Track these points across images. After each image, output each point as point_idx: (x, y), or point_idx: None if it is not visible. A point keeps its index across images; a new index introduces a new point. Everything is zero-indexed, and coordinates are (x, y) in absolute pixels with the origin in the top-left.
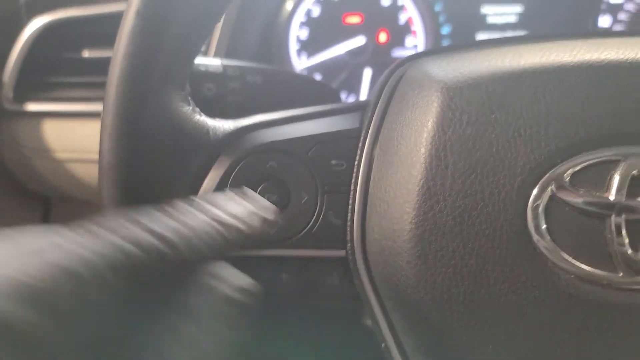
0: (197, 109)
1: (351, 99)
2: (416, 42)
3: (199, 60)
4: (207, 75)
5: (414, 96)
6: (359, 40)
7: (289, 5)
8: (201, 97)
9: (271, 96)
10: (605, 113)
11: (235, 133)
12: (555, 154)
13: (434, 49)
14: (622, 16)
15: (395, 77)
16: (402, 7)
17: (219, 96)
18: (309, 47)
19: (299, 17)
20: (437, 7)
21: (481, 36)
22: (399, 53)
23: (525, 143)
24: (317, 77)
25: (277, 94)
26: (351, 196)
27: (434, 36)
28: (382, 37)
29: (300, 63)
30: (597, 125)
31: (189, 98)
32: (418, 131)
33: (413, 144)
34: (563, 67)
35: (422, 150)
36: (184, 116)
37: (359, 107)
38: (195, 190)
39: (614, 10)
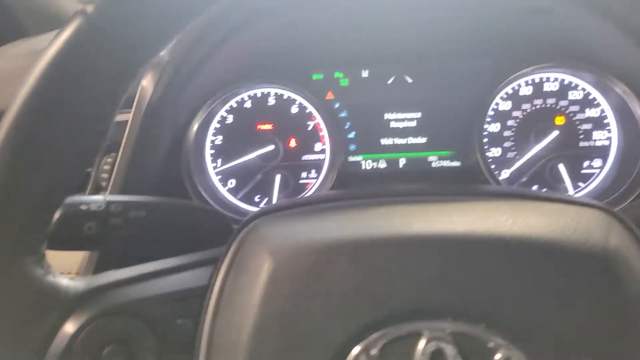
0: (51, 270)
1: (264, 202)
2: (324, 147)
3: (82, 199)
4: (88, 214)
5: (249, 262)
6: (270, 146)
7: (202, 114)
8: (81, 237)
9: (156, 229)
10: (409, 288)
11: (86, 294)
12: (364, 327)
13: (282, 205)
14: (510, 122)
15: (241, 237)
16: (310, 115)
17: (101, 234)
18: (224, 152)
19: (214, 124)
20: (343, 114)
21: (385, 141)
22: (309, 157)
23: (339, 316)
24: (232, 181)
25: (162, 226)
26: (194, 356)
27: (341, 141)
28: (292, 142)
29: (215, 168)
30: (402, 299)
31: (43, 259)
32: (248, 300)
33: (244, 311)
34: (375, 241)
35: (250, 321)
36: (34, 281)
37: (209, 262)
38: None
39: (502, 117)
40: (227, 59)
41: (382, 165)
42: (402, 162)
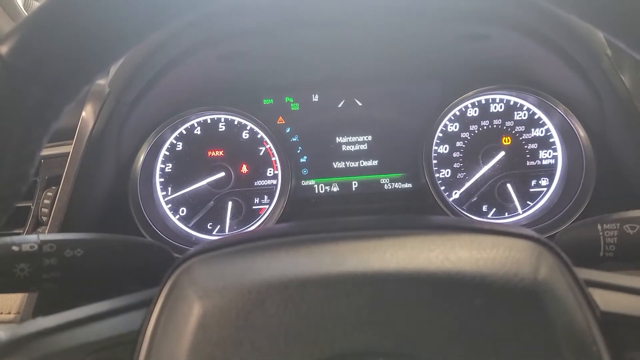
0: None
1: (217, 230)
2: (276, 172)
3: (14, 239)
4: (20, 256)
5: (179, 306)
6: (221, 173)
7: (150, 142)
8: (13, 279)
9: (95, 266)
10: (340, 329)
11: (11, 345)
12: None
13: (215, 244)
14: (459, 143)
15: (173, 278)
16: (261, 140)
17: (34, 275)
18: (174, 180)
19: (163, 152)
20: (294, 139)
21: (337, 165)
22: (261, 183)
23: None
24: (183, 209)
25: (102, 264)
26: None
27: (293, 166)
28: (244, 168)
29: (165, 196)
30: (333, 341)
31: None
32: (178, 347)
33: (174, 359)
34: (304, 282)
35: None
36: None
37: (142, 305)
38: None
39: (451, 138)
40: (173, 86)
41: (335, 188)
42: (354, 185)
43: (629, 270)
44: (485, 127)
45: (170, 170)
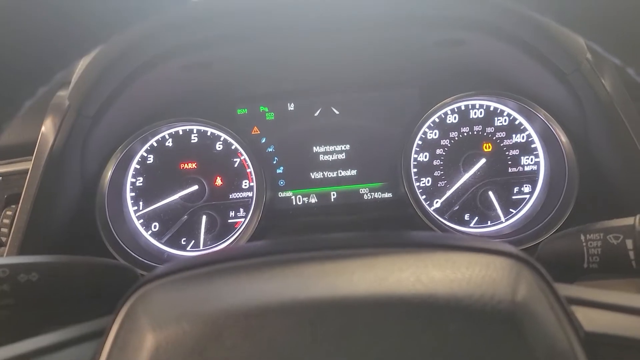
0: None
1: (191, 245)
2: (252, 184)
3: None
4: None
5: (131, 338)
6: (194, 186)
7: (118, 155)
8: None
9: (53, 290)
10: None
11: None
12: None
13: (173, 268)
14: (439, 151)
15: (127, 307)
16: (235, 152)
17: None
18: (145, 194)
19: (133, 165)
20: (270, 149)
21: (315, 175)
22: (236, 195)
23: None
24: (155, 224)
25: (60, 286)
26: None
27: (269, 178)
28: (218, 181)
29: (137, 212)
30: None
31: None
32: None
33: None
34: (267, 309)
35: None
36: None
37: (95, 335)
38: None
39: (430, 146)
40: (141, 97)
41: (313, 200)
42: (333, 195)
43: (614, 279)
44: (465, 134)
45: (141, 184)
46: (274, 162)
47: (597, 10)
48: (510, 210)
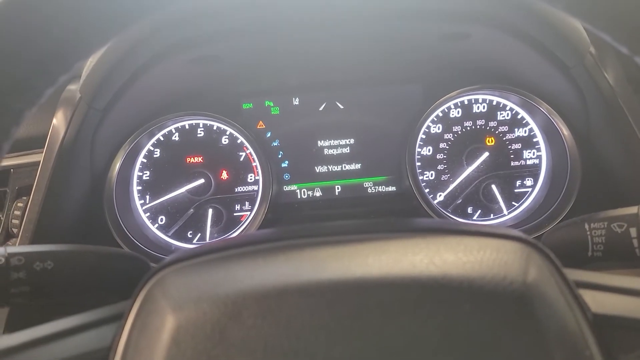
0: None
1: (197, 238)
2: (257, 177)
3: None
4: None
5: (152, 320)
6: (201, 180)
7: (126, 149)
8: None
9: (67, 279)
10: (321, 339)
11: None
12: None
13: (189, 254)
14: (442, 145)
15: (145, 291)
16: (241, 146)
17: (1, 290)
18: (152, 188)
19: (140, 159)
20: (275, 143)
21: (320, 169)
22: (242, 189)
23: None
24: (162, 217)
25: (73, 275)
26: None
27: (274, 171)
28: (224, 175)
29: (143, 205)
30: (314, 353)
31: None
32: None
33: None
34: (283, 291)
35: None
36: None
37: (114, 319)
38: None
39: (434, 140)
40: (148, 91)
41: (318, 193)
42: (337, 189)
43: (618, 269)
44: (468, 128)
45: (147, 177)
46: (279, 156)
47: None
48: (513, 203)
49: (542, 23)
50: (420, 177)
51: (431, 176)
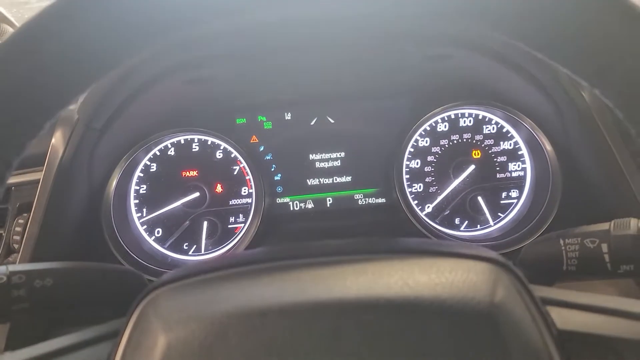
0: None
1: (193, 250)
2: (251, 190)
3: None
4: None
5: (144, 338)
6: (196, 193)
7: (123, 164)
8: None
9: (66, 295)
10: (302, 357)
11: None
12: None
13: (181, 274)
14: (430, 158)
15: (139, 309)
16: (235, 159)
17: (2, 307)
18: (148, 201)
19: (137, 173)
20: (268, 157)
21: (311, 181)
22: (236, 202)
23: None
24: (158, 230)
25: (72, 291)
26: None
27: (267, 184)
28: (219, 188)
29: (140, 218)
30: None
31: None
32: None
33: None
34: (265, 311)
35: None
36: None
37: (109, 336)
38: None
39: (422, 153)
40: (144, 110)
41: (310, 205)
42: (329, 201)
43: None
44: (455, 142)
45: (144, 191)
46: (272, 170)
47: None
48: (499, 214)
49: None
50: (409, 190)
51: (419, 188)
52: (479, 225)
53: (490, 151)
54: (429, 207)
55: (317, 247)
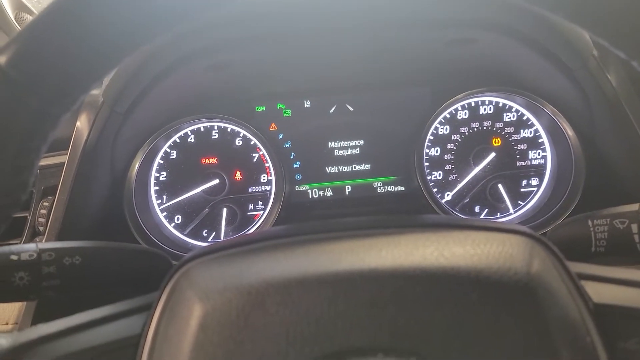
0: None
1: (212, 237)
2: (270, 178)
3: (12, 249)
4: (19, 265)
5: (180, 309)
6: (216, 180)
7: (144, 150)
8: (12, 288)
9: (93, 273)
10: (339, 326)
11: (12, 351)
12: None
13: (214, 247)
14: (450, 145)
15: (173, 282)
16: (254, 147)
17: (33, 283)
18: (168, 188)
19: (158, 160)
20: (287, 144)
21: (330, 169)
22: (255, 189)
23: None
24: (178, 216)
25: (100, 271)
26: None
27: (286, 172)
28: (238, 175)
29: (160, 204)
30: (333, 338)
31: None
32: (180, 349)
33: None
34: (302, 281)
35: None
36: None
37: (143, 309)
38: None
39: (442, 141)
40: (166, 95)
41: (329, 193)
42: (347, 189)
43: (621, 264)
44: (475, 129)
45: (164, 178)
46: (291, 157)
47: (602, 6)
48: (519, 202)
49: (546, 28)
50: (429, 177)
51: (439, 176)
52: (499, 213)
53: (510, 139)
54: (448, 195)
55: (350, 222)
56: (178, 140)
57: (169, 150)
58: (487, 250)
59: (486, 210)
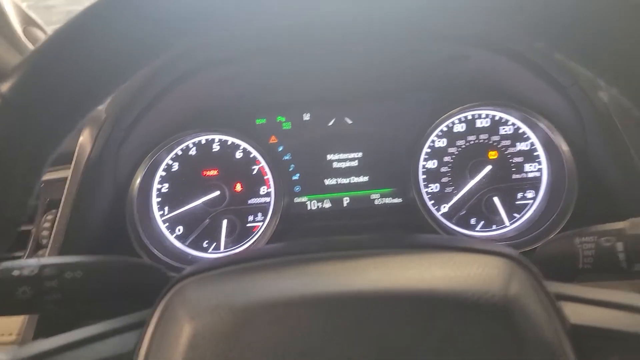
0: None
1: (212, 247)
2: (269, 190)
3: (14, 264)
4: (21, 279)
5: (171, 327)
6: (216, 192)
7: (146, 163)
8: (15, 302)
9: (94, 288)
10: (324, 345)
11: None
12: None
13: (208, 265)
14: (447, 158)
15: (166, 299)
16: (254, 159)
17: (35, 298)
18: (170, 200)
19: (160, 172)
20: (286, 157)
21: (329, 181)
22: (255, 201)
23: None
24: (179, 227)
25: (100, 285)
26: None
27: (285, 184)
28: (238, 187)
29: (162, 216)
30: (319, 357)
31: None
32: None
33: None
34: (291, 301)
35: None
36: None
37: (137, 326)
38: None
39: (438, 154)
40: (168, 110)
41: (327, 205)
42: (346, 201)
43: (607, 280)
44: (472, 142)
45: (166, 190)
46: (290, 169)
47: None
48: (514, 214)
49: (538, 48)
50: (425, 190)
51: (436, 188)
52: (494, 226)
53: (506, 152)
54: (445, 207)
55: (338, 242)
56: (180, 153)
57: (170, 162)
58: (467, 273)
59: (482, 222)
